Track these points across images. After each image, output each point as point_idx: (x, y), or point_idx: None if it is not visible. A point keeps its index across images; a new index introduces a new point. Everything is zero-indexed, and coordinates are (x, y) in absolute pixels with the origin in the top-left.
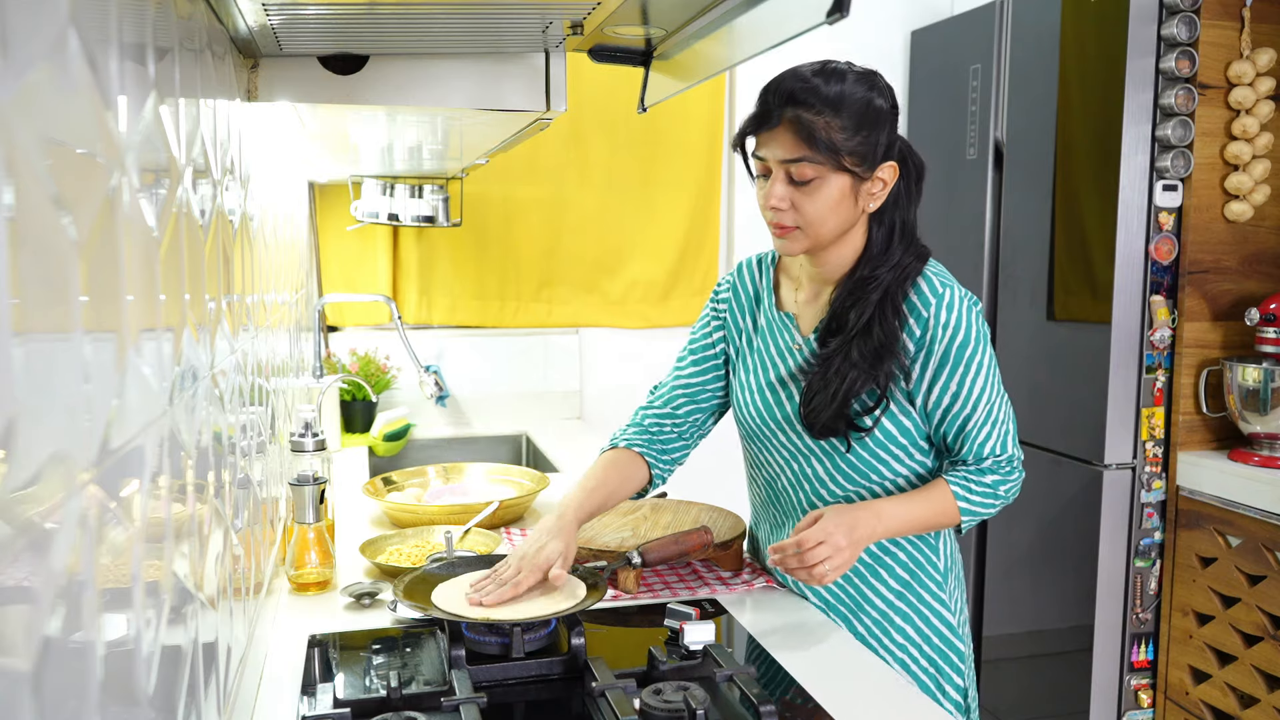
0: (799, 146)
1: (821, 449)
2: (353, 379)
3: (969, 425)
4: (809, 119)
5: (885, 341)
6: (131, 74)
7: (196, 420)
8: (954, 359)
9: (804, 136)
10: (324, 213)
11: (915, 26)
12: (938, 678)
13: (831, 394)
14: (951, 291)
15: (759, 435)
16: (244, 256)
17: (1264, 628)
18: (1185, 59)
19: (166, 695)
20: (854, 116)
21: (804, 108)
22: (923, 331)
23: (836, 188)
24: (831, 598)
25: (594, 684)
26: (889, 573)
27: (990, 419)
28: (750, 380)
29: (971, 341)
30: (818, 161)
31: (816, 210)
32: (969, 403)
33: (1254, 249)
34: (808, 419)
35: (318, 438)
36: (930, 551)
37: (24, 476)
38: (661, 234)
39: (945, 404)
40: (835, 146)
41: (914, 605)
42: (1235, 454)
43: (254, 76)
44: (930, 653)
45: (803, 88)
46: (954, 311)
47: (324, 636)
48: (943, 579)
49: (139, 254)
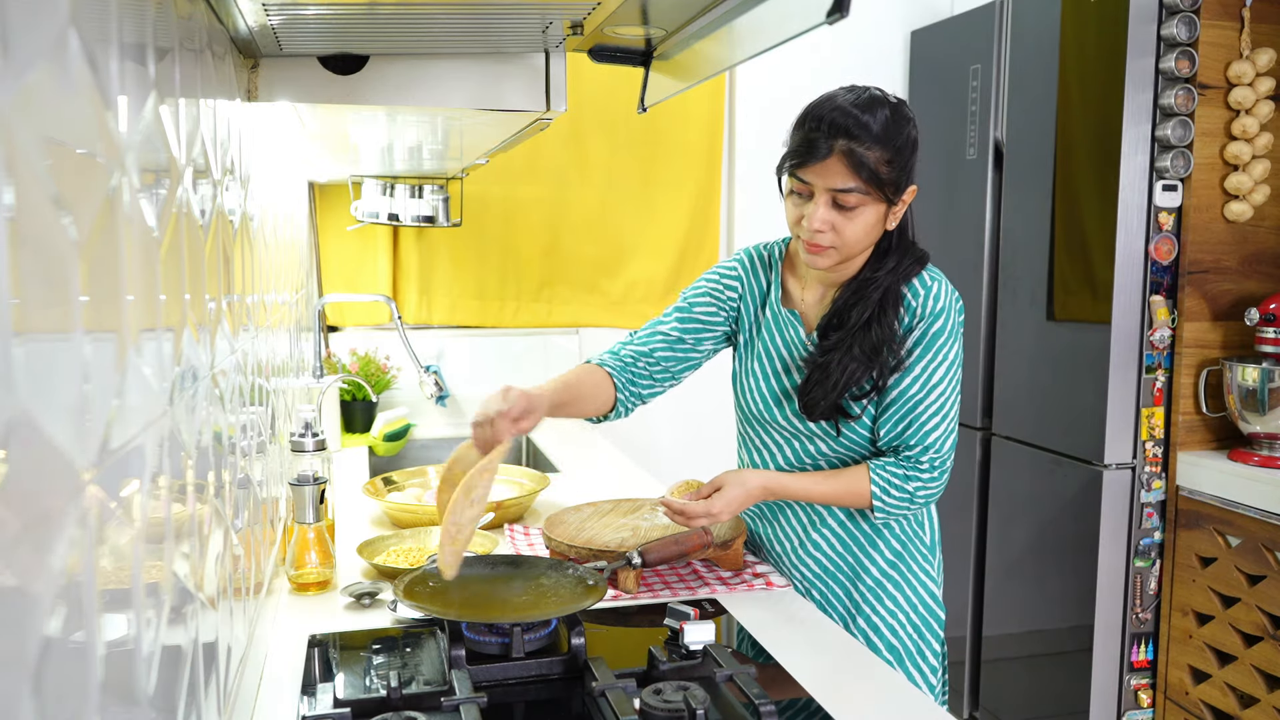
0: (850, 177)
1: (819, 431)
2: (353, 379)
3: (919, 410)
4: (861, 152)
5: (883, 337)
6: (131, 74)
7: (196, 420)
8: (926, 343)
9: (854, 167)
10: (324, 213)
11: (915, 26)
12: (919, 642)
13: (831, 385)
14: (940, 285)
15: (760, 419)
16: (244, 256)
17: (1264, 628)
18: (1185, 59)
19: (166, 695)
20: (896, 149)
21: (855, 141)
22: (911, 318)
23: (875, 213)
24: (831, 566)
25: (594, 684)
26: (885, 544)
27: (942, 412)
28: (755, 368)
29: (946, 332)
30: (865, 191)
31: (855, 234)
32: (926, 387)
33: (1254, 249)
34: (805, 407)
35: (318, 438)
36: (919, 527)
37: (24, 476)
38: (661, 234)
39: (904, 384)
40: (881, 178)
41: (905, 575)
42: (1235, 454)
43: (254, 76)
44: (915, 619)
45: (854, 123)
46: (940, 302)
47: (324, 636)
48: (930, 551)
49: (139, 254)
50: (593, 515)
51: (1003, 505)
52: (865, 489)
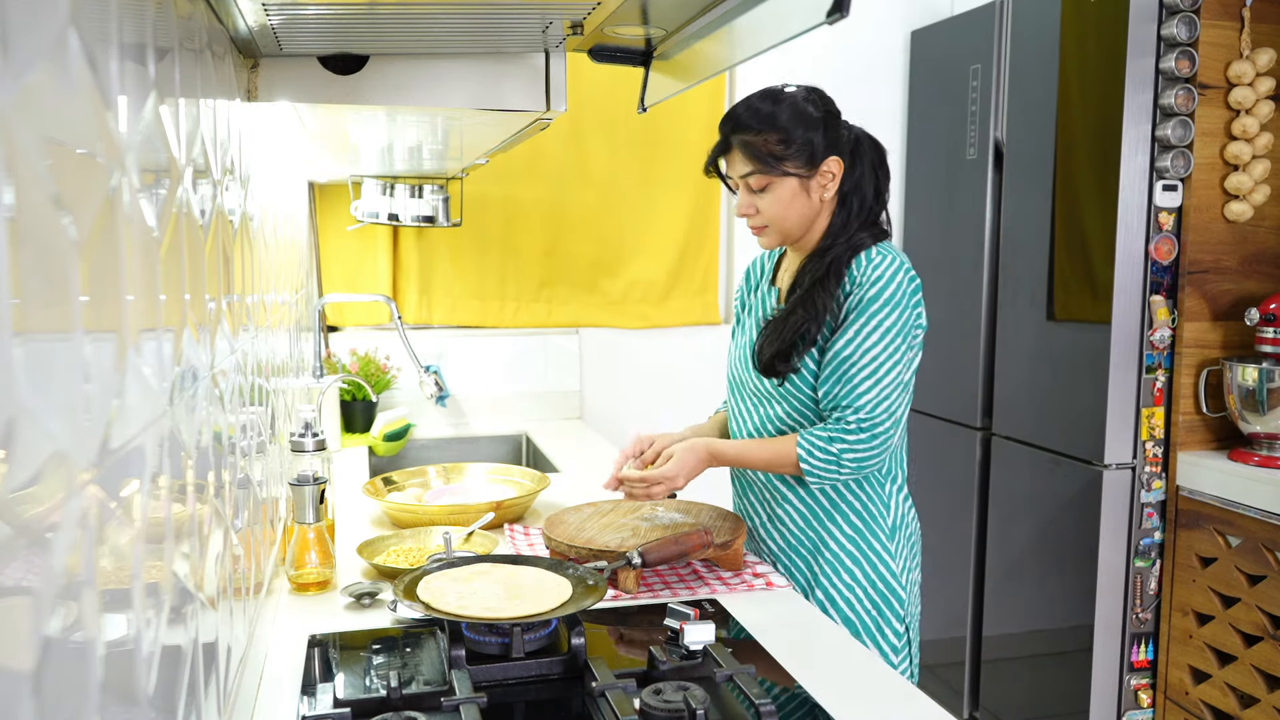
0: (747, 162)
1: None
2: (353, 379)
3: (850, 369)
4: (750, 139)
5: (824, 298)
6: (131, 74)
7: (196, 420)
8: (861, 308)
9: (749, 154)
10: (324, 213)
11: (915, 26)
12: (878, 619)
13: (778, 337)
14: (886, 259)
15: (734, 381)
16: (244, 256)
17: (1264, 628)
18: (1185, 59)
19: (166, 695)
20: (786, 129)
21: (745, 130)
22: (851, 285)
23: (787, 189)
24: (794, 540)
25: (594, 684)
26: (844, 519)
27: (875, 376)
28: (740, 339)
29: (883, 299)
30: (764, 172)
31: (773, 210)
32: (859, 349)
33: (1254, 249)
34: (756, 357)
35: (318, 438)
36: (878, 509)
37: (24, 476)
38: (661, 234)
39: (838, 346)
40: (775, 156)
41: (863, 551)
42: (1235, 454)
43: (254, 76)
44: (874, 595)
45: (743, 113)
46: (879, 271)
47: (324, 636)
48: (889, 535)
49: (139, 254)
50: (593, 515)
51: (1003, 505)
52: (793, 453)
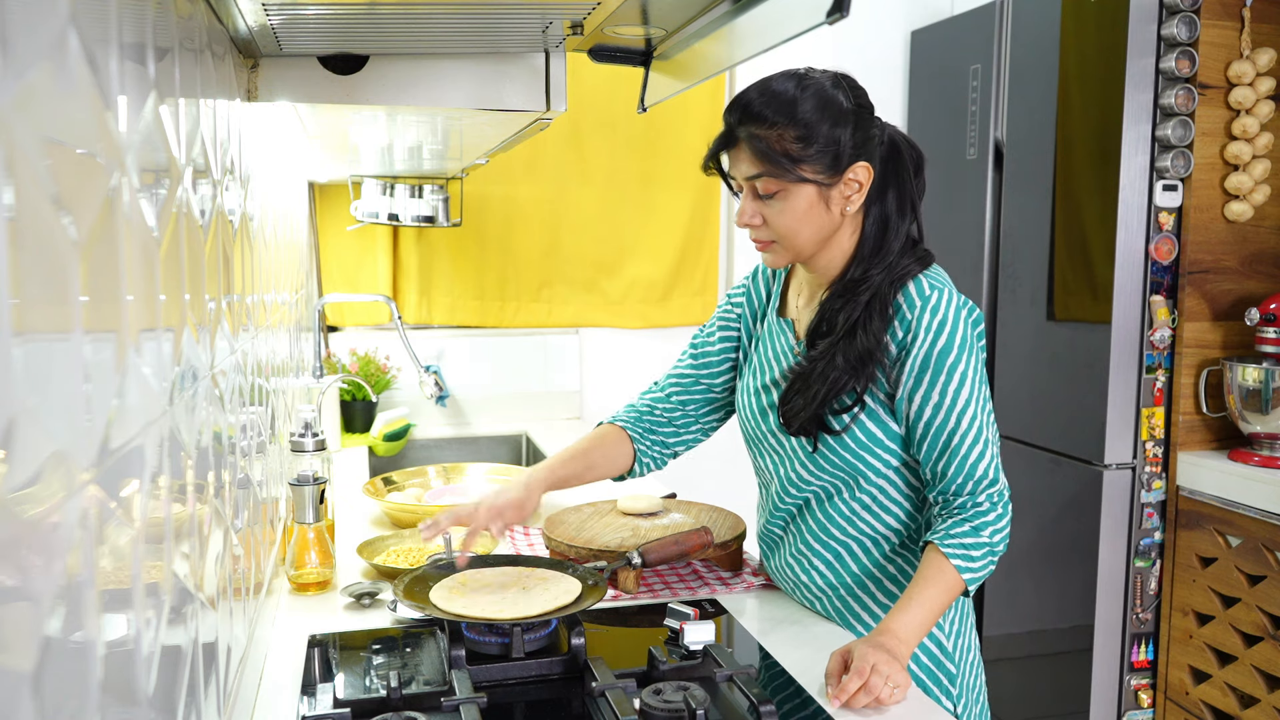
0: (755, 163)
1: (796, 449)
2: (353, 379)
3: (955, 440)
4: (761, 134)
5: (869, 346)
6: (131, 74)
7: (196, 420)
8: (934, 365)
9: (759, 152)
10: (324, 213)
11: (915, 26)
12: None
13: (812, 395)
14: (940, 295)
15: (754, 438)
16: (244, 256)
17: (1264, 628)
18: (1185, 59)
19: (166, 695)
20: (808, 124)
21: (757, 122)
22: (905, 333)
23: (802, 199)
24: (830, 608)
25: (594, 684)
26: (878, 586)
27: (979, 437)
28: (749, 383)
29: (955, 348)
30: (776, 175)
31: (785, 223)
32: (953, 414)
33: (1254, 249)
34: (785, 417)
35: (318, 438)
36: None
37: (24, 476)
38: (661, 234)
39: (927, 415)
40: (792, 157)
41: None
42: (1235, 454)
43: (254, 76)
44: (917, 670)
45: (756, 99)
46: (939, 315)
47: (324, 636)
48: None
49: (139, 254)
50: (593, 515)
51: None
52: (950, 569)
